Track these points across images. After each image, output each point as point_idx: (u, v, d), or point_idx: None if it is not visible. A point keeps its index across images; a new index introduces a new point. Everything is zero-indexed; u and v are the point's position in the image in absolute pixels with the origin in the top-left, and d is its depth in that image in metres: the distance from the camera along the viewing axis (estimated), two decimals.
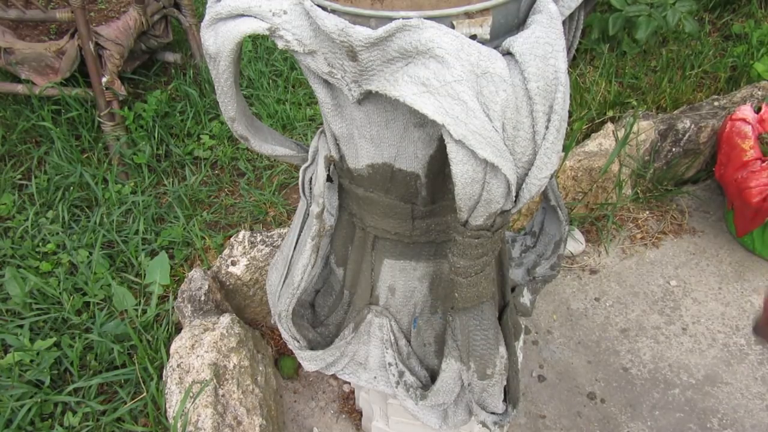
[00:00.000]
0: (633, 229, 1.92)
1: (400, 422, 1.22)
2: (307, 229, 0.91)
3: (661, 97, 2.17)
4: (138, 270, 1.74)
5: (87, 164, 2.07)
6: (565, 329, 1.66)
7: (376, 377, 1.02)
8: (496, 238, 0.76)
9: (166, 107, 2.26)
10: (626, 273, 1.80)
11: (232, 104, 0.79)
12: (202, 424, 1.14)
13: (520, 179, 0.66)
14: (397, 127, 0.73)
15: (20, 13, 1.98)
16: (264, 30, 0.66)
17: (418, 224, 0.85)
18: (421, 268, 0.92)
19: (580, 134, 2.02)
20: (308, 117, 2.26)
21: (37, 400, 1.41)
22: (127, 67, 2.24)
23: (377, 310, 0.97)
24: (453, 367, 0.93)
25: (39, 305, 1.63)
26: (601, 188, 1.85)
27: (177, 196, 1.96)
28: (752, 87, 2.06)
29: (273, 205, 1.96)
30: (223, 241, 1.84)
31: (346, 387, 1.52)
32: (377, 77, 0.62)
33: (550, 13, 0.63)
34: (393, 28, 0.58)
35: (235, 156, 2.14)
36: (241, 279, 1.48)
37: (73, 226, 1.88)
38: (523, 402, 1.49)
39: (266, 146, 0.89)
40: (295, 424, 1.45)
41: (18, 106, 2.25)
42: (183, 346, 1.27)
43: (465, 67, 0.58)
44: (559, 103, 0.62)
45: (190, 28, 2.39)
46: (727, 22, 2.59)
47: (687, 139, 1.93)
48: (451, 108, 0.58)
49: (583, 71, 2.30)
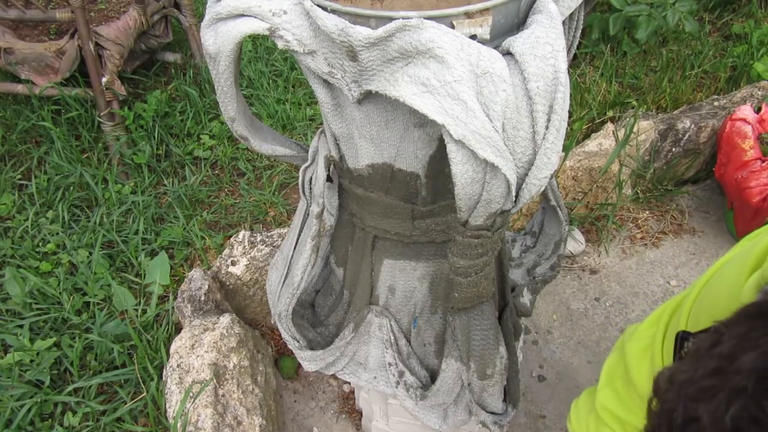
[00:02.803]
0: (633, 229, 1.92)
1: (400, 422, 1.22)
2: (307, 229, 0.91)
3: (661, 97, 2.17)
4: (138, 270, 1.74)
5: (87, 164, 2.07)
6: (565, 329, 1.66)
7: (376, 377, 1.02)
8: (496, 238, 0.76)
9: (166, 107, 2.26)
10: (626, 273, 1.80)
11: (232, 104, 0.79)
12: (202, 424, 1.14)
13: (520, 179, 0.66)
14: (397, 127, 0.73)
15: (20, 13, 1.98)
16: (264, 30, 0.66)
17: (418, 224, 0.85)
18: (421, 268, 0.92)
19: (580, 134, 2.02)
20: (308, 117, 2.26)
21: (37, 400, 1.41)
22: (127, 67, 2.24)
23: (377, 310, 0.97)
24: (453, 367, 0.93)
25: (39, 305, 1.62)
26: (601, 188, 1.85)
27: (177, 196, 1.96)
28: (752, 87, 2.06)
29: (273, 205, 1.96)
30: (223, 241, 1.84)
31: (346, 387, 1.52)
32: (377, 77, 0.62)
33: (550, 13, 0.63)
34: (393, 28, 0.58)
35: (235, 156, 2.14)
36: (241, 279, 1.48)
37: (73, 226, 1.88)
38: (523, 402, 1.49)
39: (266, 146, 0.89)
40: (295, 424, 1.45)
41: (18, 106, 2.25)
42: (183, 346, 1.27)
43: (465, 67, 0.58)
44: (559, 103, 0.62)
45: (190, 28, 2.39)
46: (727, 22, 2.59)
47: (687, 139, 1.93)
48: (451, 108, 0.58)
49: (584, 71, 2.30)
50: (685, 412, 0.40)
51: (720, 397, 0.38)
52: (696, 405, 0.40)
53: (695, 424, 0.39)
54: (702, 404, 0.39)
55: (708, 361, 0.41)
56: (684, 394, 0.41)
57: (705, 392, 0.40)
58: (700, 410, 0.39)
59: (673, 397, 0.42)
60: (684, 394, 0.41)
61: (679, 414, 0.41)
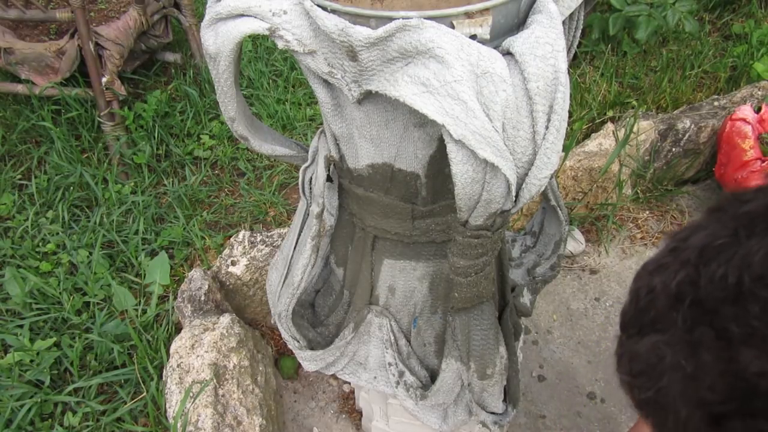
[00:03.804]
0: (633, 229, 1.92)
1: (400, 422, 1.22)
2: (307, 229, 0.91)
3: (661, 97, 2.17)
4: (138, 270, 1.74)
5: (87, 164, 2.07)
6: (565, 329, 1.66)
7: (376, 377, 1.02)
8: (496, 238, 0.76)
9: (166, 107, 2.26)
10: (626, 273, 1.80)
11: (232, 104, 0.78)
12: (202, 424, 1.14)
13: (520, 179, 0.66)
14: (397, 127, 0.73)
15: (20, 13, 1.98)
16: (264, 30, 0.66)
17: (418, 224, 0.85)
18: (421, 268, 0.92)
19: (580, 134, 2.02)
20: (308, 117, 2.26)
21: (37, 400, 1.41)
22: (127, 67, 2.24)
23: (377, 310, 0.97)
24: (453, 367, 0.93)
25: (39, 305, 1.62)
26: (601, 188, 1.85)
27: (177, 196, 1.96)
28: (752, 87, 2.06)
29: (273, 205, 1.96)
30: (223, 241, 1.84)
31: (346, 387, 1.52)
32: (377, 77, 0.62)
33: (550, 13, 0.63)
34: (393, 28, 0.58)
35: (235, 156, 2.14)
36: (241, 279, 1.48)
37: (73, 226, 1.88)
38: (523, 402, 1.49)
39: (266, 146, 0.89)
40: (295, 424, 1.45)
41: (18, 106, 2.25)
42: (183, 346, 1.27)
43: (465, 67, 0.58)
44: (559, 103, 0.62)
45: (190, 28, 2.39)
46: (727, 22, 2.59)
47: (687, 139, 1.93)
48: (451, 108, 0.58)
49: (584, 71, 2.30)
50: (646, 286, 0.48)
51: (671, 268, 0.45)
52: (653, 278, 0.47)
53: (651, 294, 0.47)
54: (657, 276, 0.47)
55: (669, 244, 0.48)
56: (646, 272, 0.49)
57: (661, 267, 0.47)
58: (656, 281, 0.46)
59: (639, 276, 0.50)
60: (646, 272, 0.49)
61: (642, 288, 0.48)
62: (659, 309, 0.45)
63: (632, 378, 0.48)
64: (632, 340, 0.48)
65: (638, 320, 0.48)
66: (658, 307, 0.46)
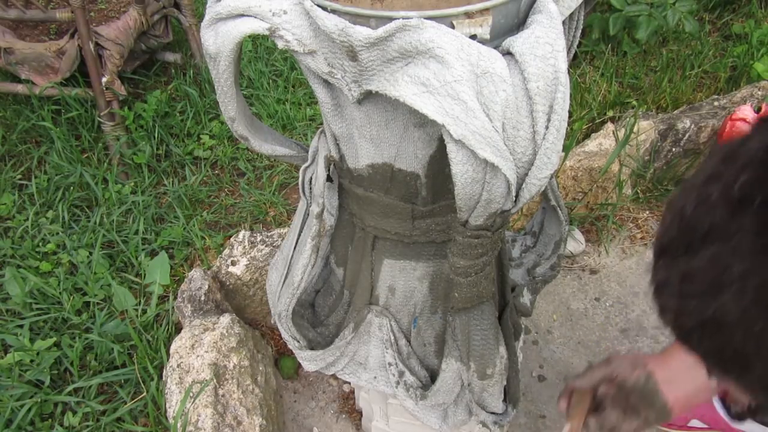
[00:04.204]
0: (633, 229, 1.92)
1: (400, 422, 1.22)
2: (307, 229, 0.91)
3: (661, 97, 2.17)
4: (138, 270, 1.74)
5: (87, 164, 2.07)
6: (565, 329, 1.66)
7: (376, 377, 1.02)
8: (496, 238, 0.76)
9: (166, 107, 2.26)
10: (626, 273, 1.80)
11: (232, 104, 0.79)
12: (202, 424, 1.14)
13: (520, 179, 0.66)
14: (397, 127, 0.73)
15: (20, 13, 1.98)
16: (264, 30, 0.66)
17: (418, 224, 0.85)
18: (421, 268, 0.92)
19: (580, 134, 2.02)
20: (308, 117, 2.26)
21: (37, 400, 1.41)
22: (127, 67, 2.24)
23: (377, 310, 0.97)
24: (453, 367, 0.93)
25: (39, 305, 1.62)
26: (601, 188, 1.85)
27: (177, 196, 1.96)
28: (752, 87, 2.06)
29: (273, 205, 1.96)
30: (223, 241, 1.84)
31: (346, 387, 1.52)
32: (377, 77, 0.62)
33: (550, 13, 0.63)
34: (393, 28, 0.58)
35: (235, 156, 2.14)
36: (241, 279, 1.48)
37: (73, 226, 1.88)
38: (523, 402, 1.49)
39: (266, 146, 0.89)
40: (295, 424, 1.45)
41: (18, 106, 2.25)
42: (183, 346, 1.27)
43: (465, 67, 0.58)
44: (559, 103, 0.62)
45: (190, 28, 2.39)
46: (727, 22, 2.59)
47: (687, 139, 1.93)
48: (451, 108, 0.58)
49: (584, 71, 2.30)
50: (696, 198, 0.42)
51: (728, 174, 0.39)
52: (705, 188, 0.41)
53: (704, 204, 0.41)
54: (712, 185, 0.41)
55: (717, 156, 0.42)
56: (692, 186, 0.43)
57: (714, 176, 0.41)
58: (711, 189, 0.40)
59: (683, 193, 0.44)
60: (692, 187, 0.43)
61: (689, 203, 0.42)
62: (717, 218, 0.40)
63: (683, 302, 0.43)
64: (680, 261, 0.43)
65: (686, 237, 0.43)
66: (715, 216, 0.40)
